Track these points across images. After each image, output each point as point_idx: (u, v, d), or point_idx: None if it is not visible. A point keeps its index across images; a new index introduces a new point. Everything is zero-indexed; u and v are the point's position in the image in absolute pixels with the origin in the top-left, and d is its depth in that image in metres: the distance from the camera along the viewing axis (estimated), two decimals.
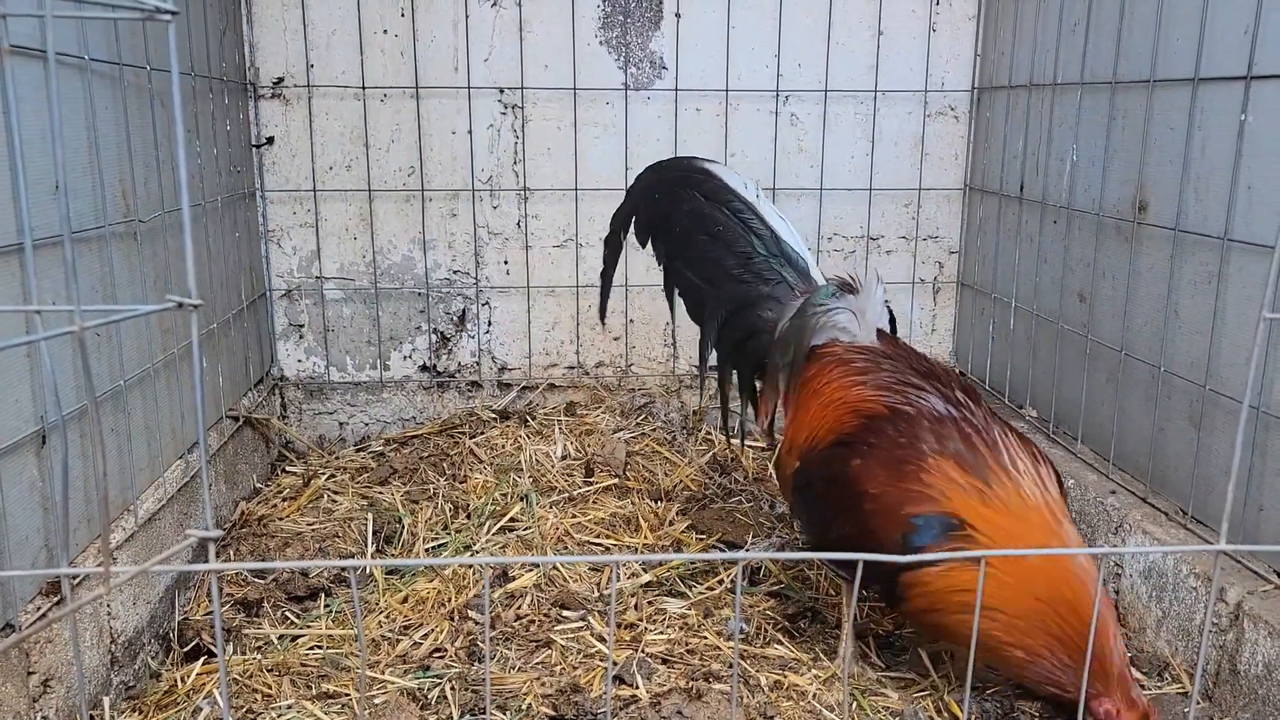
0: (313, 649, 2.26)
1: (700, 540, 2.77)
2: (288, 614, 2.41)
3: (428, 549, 2.72)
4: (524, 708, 2.02)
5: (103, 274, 2.07)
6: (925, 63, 3.41)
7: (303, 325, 3.43)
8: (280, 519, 2.86)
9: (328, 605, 2.44)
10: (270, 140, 3.28)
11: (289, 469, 3.23)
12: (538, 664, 2.20)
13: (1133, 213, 2.49)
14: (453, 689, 2.08)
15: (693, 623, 2.36)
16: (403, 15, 3.24)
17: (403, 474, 3.13)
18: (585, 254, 3.45)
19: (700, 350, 2.68)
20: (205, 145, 2.77)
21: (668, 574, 2.57)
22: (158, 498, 2.28)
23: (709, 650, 2.25)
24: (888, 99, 3.42)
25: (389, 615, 2.39)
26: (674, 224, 2.58)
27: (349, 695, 2.07)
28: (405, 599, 2.45)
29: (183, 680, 2.12)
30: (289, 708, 2.02)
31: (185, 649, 2.25)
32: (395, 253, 3.40)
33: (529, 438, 3.25)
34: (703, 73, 3.36)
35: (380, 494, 3.00)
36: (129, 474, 2.17)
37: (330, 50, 3.24)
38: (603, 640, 2.28)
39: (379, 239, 3.38)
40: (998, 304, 3.23)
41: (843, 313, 2.36)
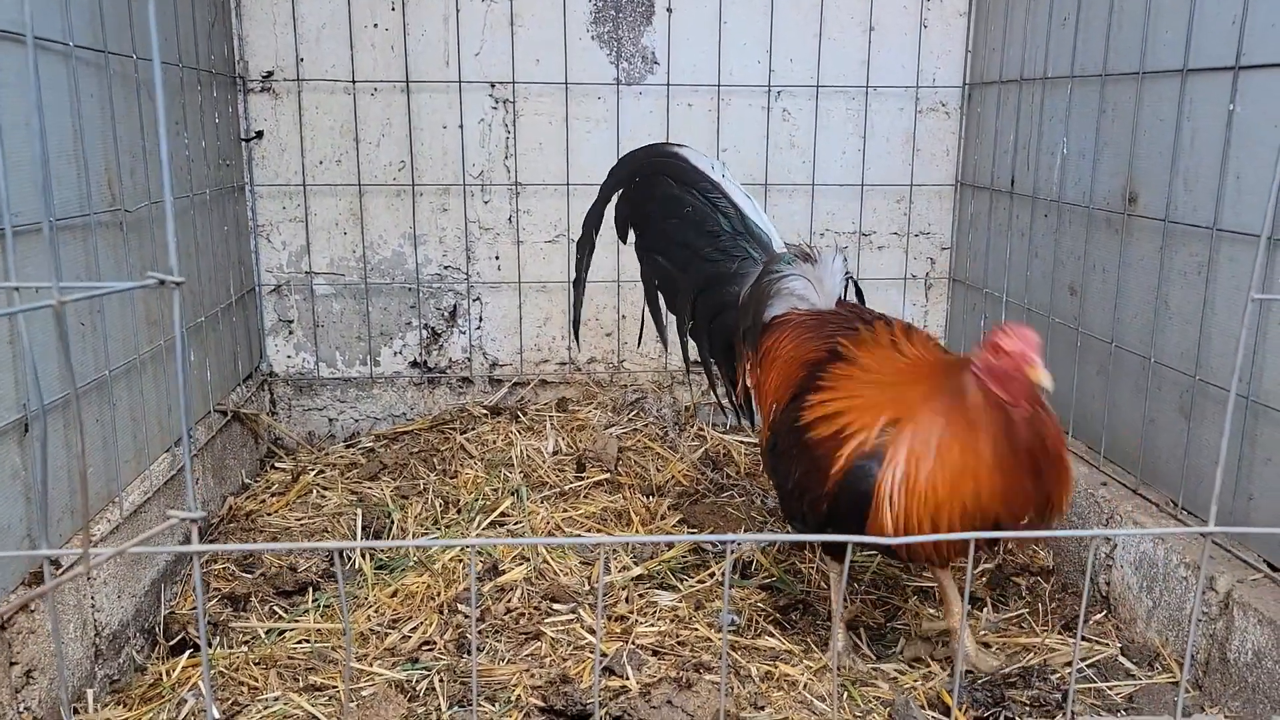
0: (300, 643, 2.24)
1: (692, 534, 2.75)
2: (275, 608, 2.39)
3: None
4: (513, 699, 2.01)
5: (87, 263, 2.06)
6: (916, 58, 3.41)
7: (292, 320, 3.42)
8: (269, 514, 2.84)
9: (315, 599, 2.42)
10: (259, 134, 3.27)
11: (278, 465, 3.21)
12: (527, 656, 2.19)
13: (1123, 205, 2.49)
14: (441, 681, 2.07)
15: (683, 615, 2.35)
16: (393, 9, 3.23)
17: (393, 470, 3.11)
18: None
19: (680, 338, 2.69)
20: (193, 138, 2.76)
21: (658, 567, 2.56)
22: (143, 490, 2.26)
23: (700, 642, 2.24)
24: (879, 95, 3.42)
25: (378, 609, 2.38)
26: (648, 213, 2.60)
27: (336, 687, 2.05)
28: (394, 593, 2.44)
29: (168, 674, 2.10)
30: (276, 700, 2.01)
31: (171, 642, 2.23)
32: (385, 248, 3.39)
33: (520, 433, 3.24)
34: (694, 67, 3.35)
35: (370, 489, 2.98)
36: (114, 466, 2.15)
37: (320, 44, 3.23)
38: (593, 633, 2.26)
39: (369, 234, 3.37)
40: (989, 299, 3.23)
41: (797, 279, 2.39)
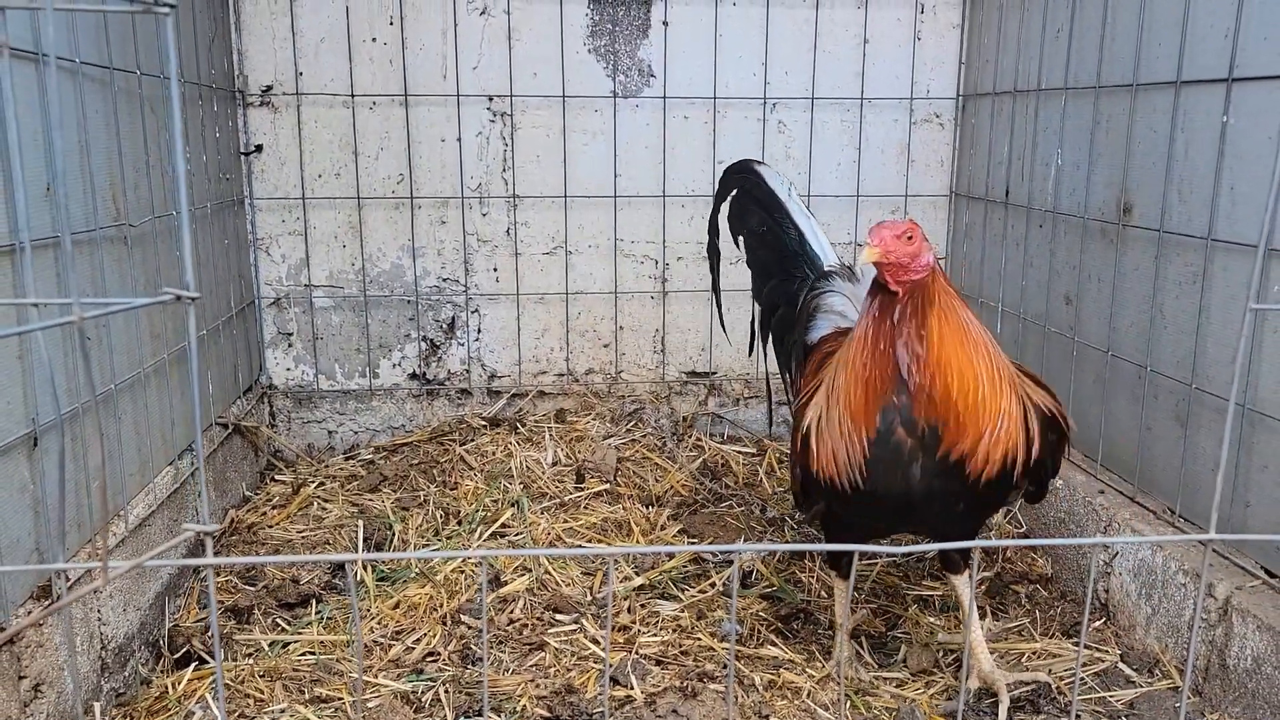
0: (304, 655, 2.25)
1: (693, 544, 2.77)
2: (279, 621, 2.40)
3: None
4: (519, 709, 2.02)
5: (94, 277, 2.07)
6: (911, 71, 3.44)
7: (291, 333, 3.43)
8: (270, 526, 2.85)
9: (319, 612, 2.43)
10: (259, 148, 3.28)
11: (278, 477, 3.22)
12: (531, 666, 2.20)
13: (1117, 215, 2.52)
14: (447, 692, 2.08)
15: (686, 625, 2.36)
16: (391, 23, 3.25)
17: (393, 481, 3.12)
18: (574, 261, 3.46)
19: (751, 330, 2.75)
20: (194, 152, 2.77)
21: (660, 577, 2.57)
22: (148, 503, 2.26)
23: (703, 652, 2.25)
24: (874, 106, 3.45)
25: (381, 621, 2.39)
26: (746, 222, 2.66)
27: (342, 699, 2.06)
28: (397, 605, 2.45)
29: (173, 686, 2.11)
30: (282, 712, 2.02)
31: (176, 655, 2.23)
32: (384, 260, 3.40)
33: (519, 444, 3.25)
34: (691, 80, 3.38)
35: (370, 501, 2.99)
36: (119, 479, 2.16)
37: (319, 58, 3.25)
38: (596, 643, 2.28)
39: (368, 247, 3.38)
40: (984, 309, 3.26)
41: (836, 295, 2.40)
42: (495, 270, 3.45)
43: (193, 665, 2.19)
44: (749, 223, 2.63)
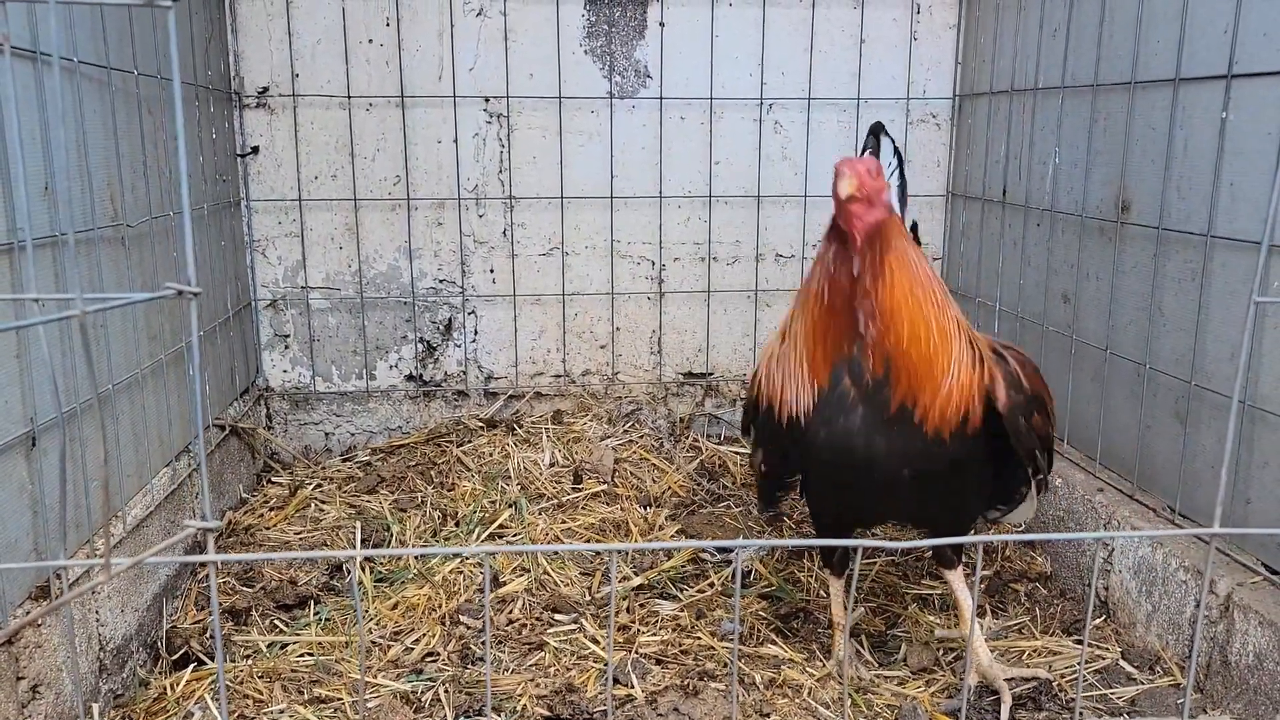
0: (303, 656, 2.24)
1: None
2: (276, 622, 2.39)
3: (417, 556, 2.71)
4: (519, 709, 2.01)
5: (92, 277, 2.06)
6: (907, 71, 3.45)
7: (288, 335, 3.42)
8: (267, 528, 2.84)
9: (316, 613, 2.42)
10: (255, 150, 3.27)
11: (275, 479, 3.21)
12: (531, 666, 2.19)
13: (1116, 213, 2.52)
14: (446, 692, 2.07)
15: (685, 624, 2.35)
16: (388, 25, 3.24)
17: (390, 483, 3.11)
18: (571, 262, 3.45)
19: None
20: (191, 154, 2.76)
21: (658, 577, 2.56)
22: (145, 504, 2.25)
23: (703, 650, 2.24)
24: (870, 107, 3.45)
25: (379, 622, 2.38)
26: None
27: (341, 699, 2.05)
28: (395, 605, 2.44)
29: (172, 688, 2.10)
30: (282, 713, 2.01)
31: (174, 657, 2.22)
32: (381, 262, 3.40)
33: (516, 446, 3.25)
34: (687, 81, 3.38)
35: (368, 503, 2.98)
36: (118, 480, 2.15)
37: (315, 60, 3.24)
38: (596, 642, 2.27)
39: (364, 248, 3.38)
40: (982, 308, 3.26)
41: None
42: (492, 271, 3.44)
43: (191, 666, 2.18)
44: None
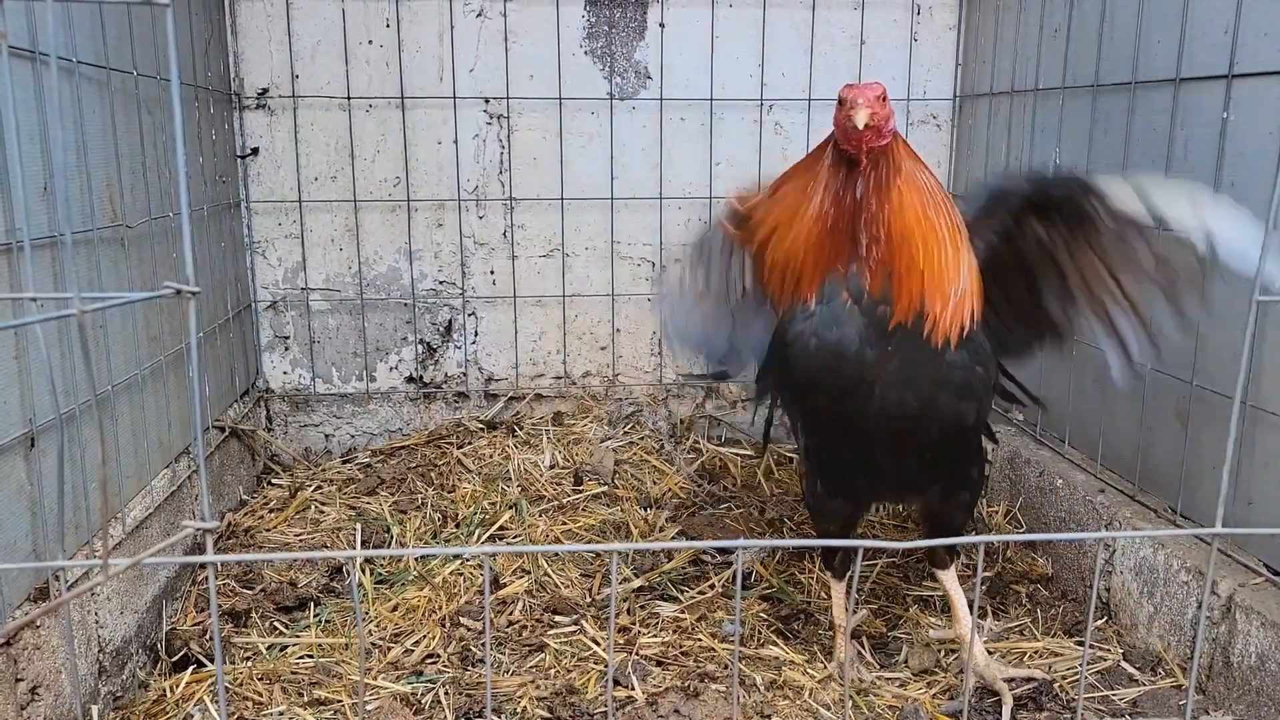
0: (303, 658, 2.23)
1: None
2: (276, 624, 2.38)
3: (417, 558, 2.70)
4: (519, 710, 2.01)
5: (91, 279, 2.06)
6: (907, 72, 3.44)
7: (288, 337, 3.41)
8: (267, 530, 2.83)
9: (316, 615, 2.42)
10: (255, 151, 3.27)
11: (275, 481, 3.20)
12: (531, 668, 2.19)
13: None
14: (446, 694, 2.06)
15: (686, 626, 2.35)
16: (388, 26, 3.24)
17: (390, 485, 3.11)
18: (571, 264, 3.45)
19: None
20: (190, 155, 2.76)
21: (659, 579, 2.56)
22: (145, 506, 2.25)
23: (703, 652, 2.24)
24: None
25: (379, 623, 2.37)
26: None
27: (341, 701, 2.04)
28: (395, 607, 2.43)
29: (171, 690, 2.09)
30: (281, 714, 2.00)
31: (174, 659, 2.22)
32: (381, 263, 3.39)
33: (517, 447, 3.24)
34: (687, 82, 3.38)
35: (368, 504, 2.98)
36: (116, 482, 2.14)
37: (315, 61, 3.24)
38: (596, 643, 2.26)
39: (365, 250, 3.37)
40: None
41: None
42: (492, 273, 3.44)
43: (190, 668, 2.17)
44: None
